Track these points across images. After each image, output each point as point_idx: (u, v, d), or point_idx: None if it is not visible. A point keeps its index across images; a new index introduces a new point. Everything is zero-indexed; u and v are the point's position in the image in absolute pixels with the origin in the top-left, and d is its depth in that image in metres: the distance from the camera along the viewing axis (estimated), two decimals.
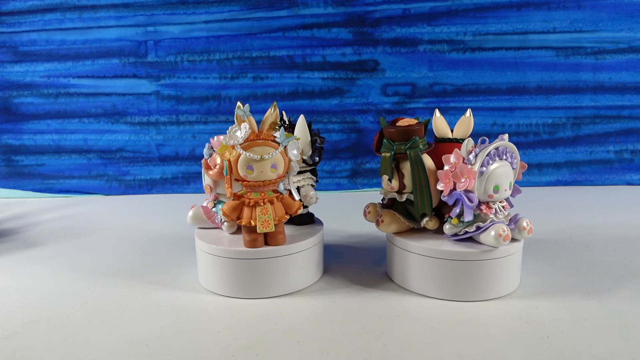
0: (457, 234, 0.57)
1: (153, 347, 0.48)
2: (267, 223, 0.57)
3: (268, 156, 0.55)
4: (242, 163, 0.55)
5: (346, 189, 1.13)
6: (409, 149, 0.57)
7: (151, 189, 1.14)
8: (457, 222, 0.56)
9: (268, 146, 0.55)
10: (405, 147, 0.58)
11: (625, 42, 1.05)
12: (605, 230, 0.80)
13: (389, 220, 0.60)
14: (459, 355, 0.46)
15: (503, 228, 0.55)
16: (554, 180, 1.12)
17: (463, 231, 0.56)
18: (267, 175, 0.56)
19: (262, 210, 0.57)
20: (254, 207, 0.57)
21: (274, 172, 0.56)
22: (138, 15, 1.07)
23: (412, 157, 0.57)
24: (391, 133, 0.59)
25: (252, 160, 0.54)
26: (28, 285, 0.63)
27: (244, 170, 0.55)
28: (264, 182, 0.56)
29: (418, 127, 0.58)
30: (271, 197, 0.57)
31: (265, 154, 0.55)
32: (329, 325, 0.52)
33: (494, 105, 1.09)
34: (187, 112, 1.11)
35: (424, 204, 0.58)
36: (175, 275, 0.65)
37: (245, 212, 0.57)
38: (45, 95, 1.11)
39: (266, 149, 0.55)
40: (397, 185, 0.59)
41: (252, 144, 0.55)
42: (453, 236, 0.57)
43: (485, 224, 0.55)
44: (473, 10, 1.06)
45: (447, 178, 0.56)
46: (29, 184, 1.15)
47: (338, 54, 1.08)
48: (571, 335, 0.49)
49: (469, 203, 0.55)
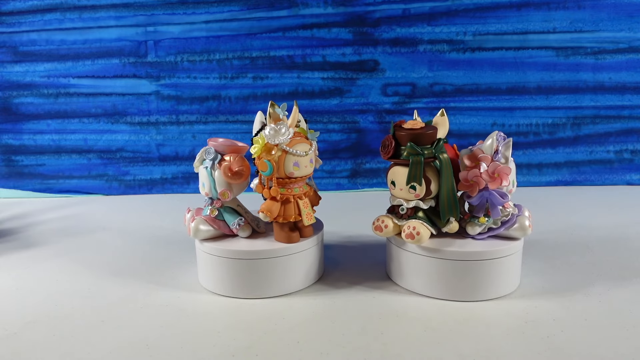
0: (482, 232, 0.58)
1: (153, 347, 0.48)
2: (310, 216, 0.60)
3: (310, 151, 0.58)
4: (289, 161, 0.57)
5: (346, 189, 1.13)
6: (439, 153, 0.55)
7: (151, 189, 1.14)
8: (484, 221, 0.57)
9: (304, 142, 0.58)
10: (435, 150, 0.56)
11: (625, 42, 1.05)
12: (605, 230, 0.80)
13: (425, 233, 0.56)
14: (459, 355, 0.46)
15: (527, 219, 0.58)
16: (554, 180, 1.12)
17: (487, 229, 0.58)
18: (308, 170, 0.59)
19: (304, 204, 0.59)
20: (285, 204, 0.58)
21: (311, 166, 0.59)
22: (138, 15, 1.07)
23: (444, 161, 0.55)
24: (417, 136, 0.56)
25: (298, 156, 0.57)
26: (28, 285, 0.63)
27: (291, 167, 0.57)
28: (302, 178, 0.59)
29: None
30: (306, 190, 0.60)
31: (306, 149, 0.58)
32: (329, 325, 0.52)
33: (494, 105, 1.09)
34: (187, 112, 1.11)
35: (451, 208, 0.56)
36: (175, 275, 0.65)
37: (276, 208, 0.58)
38: (45, 95, 1.11)
39: (304, 145, 0.58)
40: (423, 191, 0.56)
41: (293, 141, 0.57)
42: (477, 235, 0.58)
43: (509, 219, 0.58)
44: (473, 10, 1.06)
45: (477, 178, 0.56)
46: (29, 184, 1.15)
47: (338, 54, 1.08)
48: (571, 335, 0.49)
49: (501, 200, 0.56)
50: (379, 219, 0.60)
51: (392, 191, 0.59)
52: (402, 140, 0.57)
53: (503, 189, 0.57)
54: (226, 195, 0.59)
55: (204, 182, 0.60)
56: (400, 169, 0.57)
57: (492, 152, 0.57)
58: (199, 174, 0.61)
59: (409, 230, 0.56)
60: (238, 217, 0.60)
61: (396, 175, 0.58)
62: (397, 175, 0.58)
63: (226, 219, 0.61)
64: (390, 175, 0.59)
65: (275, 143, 0.56)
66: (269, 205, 0.58)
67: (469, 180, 0.56)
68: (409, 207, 0.57)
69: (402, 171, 0.57)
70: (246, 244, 0.58)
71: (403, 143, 0.57)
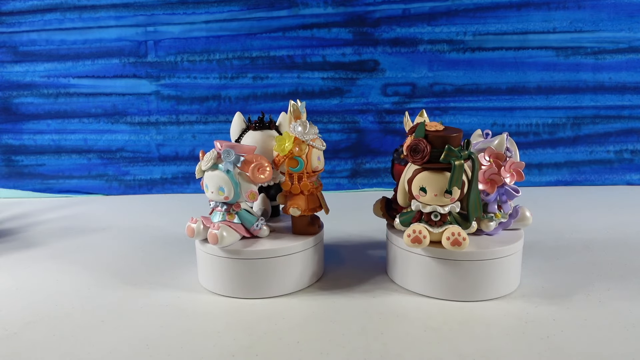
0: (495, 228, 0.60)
1: (153, 347, 0.48)
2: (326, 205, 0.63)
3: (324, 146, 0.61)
4: (314, 155, 0.59)
5: (346, 189, 1.13)
6: (472, 154, 0.54)
7: (151, 189, 1.14)
8: (500, 217, 0.60)
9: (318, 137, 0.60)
10: (468, 152, 0.54)
11: (625, 42, 1.05)
12: (605, 230, 0.80)
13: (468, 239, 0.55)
14: (459, 355, 0.46)
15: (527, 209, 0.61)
16: (554, 180, 1.12)
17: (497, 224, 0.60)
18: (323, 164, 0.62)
19: (322, 196, 0.63)
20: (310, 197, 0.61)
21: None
22: (138, 15, 1.07)
23: (476, 162, 0.54)
24: (453, 139, 0.54)
25: (320, 150, 0.60)
26: (28, 285, 0.63)
27: (316, 161, 0.60)
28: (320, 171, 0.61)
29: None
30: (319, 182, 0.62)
31: (323, 143, 0.61)
32: (329, 325, 0.52)
33: (494, 105, 1.09)
34: (187, 112, 1.11)
35: (477, 208, 0.56)
36: (175, 275, 0.65)
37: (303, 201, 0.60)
38: (45, 95, 1.11)
39: (319, 139, 0.61)
40: (458, 195, 0.54)
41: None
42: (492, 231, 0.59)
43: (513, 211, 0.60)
44: (473, 10, 1.06)
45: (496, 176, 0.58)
46: (29, 184, 1.15)
47: (338, 54, 1.08)
48: (571, 335, 0.49)
49: (515, 194, 0.59)
50: (414, 230, 0.55)
51: (422, 198, 0.55)
52: (436, 144, 0.54)
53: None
54: (255, 196, 0.58)
55: (223, 186, 0.56)
56: (433, 174, 0.54)
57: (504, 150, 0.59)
58: (212, 179, 0.57)
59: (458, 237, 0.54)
60: (256, 218, 0.60)
61: (429, 181, 0.54)
62: (430, 181, 0.54)
63: (246, 221, 0.59)
64: (419, 182, 0.55)
65: (304, 139, 0.58)
66: (298, 200, 0.60)
67: (487, 178, 0.58)
68: (444, 212, 0.55)
69: (435, 176, 0.54)
70: (246, 244, 0.58)
71: (438, 147, 0.54)
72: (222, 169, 0.56)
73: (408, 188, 0.56)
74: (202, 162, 0.57)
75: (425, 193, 0.55)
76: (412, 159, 0.55)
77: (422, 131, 0.54)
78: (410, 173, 0.56)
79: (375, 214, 0.67)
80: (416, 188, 0.55)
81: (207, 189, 0.58)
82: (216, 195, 0.57)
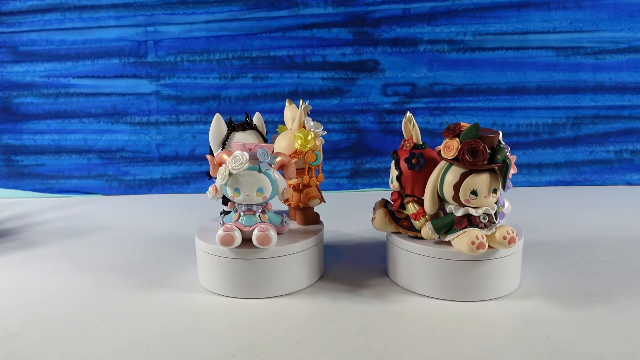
0: None
1: (153, 347, 0.48)
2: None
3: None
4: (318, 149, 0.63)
5: (346, 189, 1.13)
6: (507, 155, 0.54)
7: (151, 189, 1.14)
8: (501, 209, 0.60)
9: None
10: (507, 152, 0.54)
11: (625, 42, 1.05)
12: (605, 230, 0.80)
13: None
14: (459, 355, 0.46)
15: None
16: (554, 180, 1.12)
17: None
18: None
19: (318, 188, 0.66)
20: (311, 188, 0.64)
21: None
22: (138, 15, 1.07)
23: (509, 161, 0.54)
24: (495, 138, 0.53)
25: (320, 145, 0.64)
26: (28, 285, 0.63)
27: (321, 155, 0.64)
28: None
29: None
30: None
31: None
32: (329, 325, 0.52)
33: (494, 105, 1.09)
34: (187, 112, 1.11)
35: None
36: (175, 275, 0.65)
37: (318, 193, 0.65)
38: (45, 95, 1.11)
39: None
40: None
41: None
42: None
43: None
44: (473, 10, 1.06)
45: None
46: (29, 184, 1.15)
47: (338, 54, 1.08)
48: (571, 335, 0.49)
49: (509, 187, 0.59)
50: (477, 236, 0.53)
51: (473, 201, 0.54)
52: (489, 145, 0.53)
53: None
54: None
55: (262, 186, 0.55)
56: (482, 175, 0.53)
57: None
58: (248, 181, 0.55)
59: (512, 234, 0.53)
60: (280, 217, 0.61)
61: (481, 183, 0.53)
62: (482, 183, 0.53)
63: (274, 220, 0.59)
64: (470, 185, 0.53)
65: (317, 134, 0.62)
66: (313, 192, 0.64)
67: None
68: (492, 213, 0.55)
69: (485, 178, 0.53)
70: (246, 244, 0.58)
71: (490, 147, 0.53)
72: (262, 169, 0.55)
73: (454, 194, 0.54)
74: (233, 166, 0.55)
75: (476, 196, 0.53)
76: (470, 162, 0.52)
77: (477, 132, 0.53)
78: (457, 177, 0.53)
79: (380, 229, 0.62)
80: (466, 192, 0.53)
81: (239, 192, 0.56)
82: (253, 197, 0.56)
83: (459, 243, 0.54)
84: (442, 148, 0.55)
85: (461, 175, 0.53)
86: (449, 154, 0.53)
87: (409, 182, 0.58)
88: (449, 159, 0.54)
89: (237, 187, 0.55)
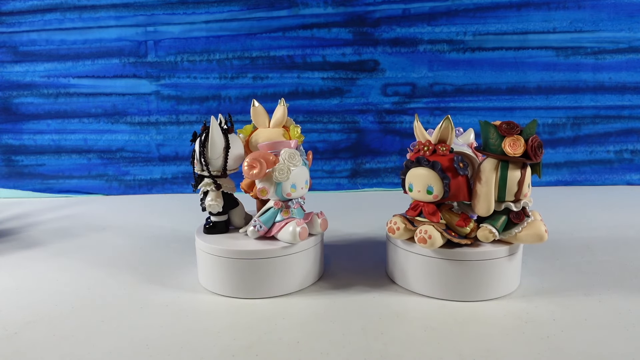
0: None
1: (153, 347, 0.48)
2: None
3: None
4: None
5: (346, 189, 1.13)
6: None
7: (151, 189, 1.14)
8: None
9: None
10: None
11: (625, 42, 1.05)
12: (605, 230, 0.80)
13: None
14: (459, 355, 0.46)
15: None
16: (554, 180, 1.12)
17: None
18: None
19: None
20: None
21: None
22: (138, 15, 1.07)
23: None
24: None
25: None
26: (28, 285, 0.63)
27: None
28: None
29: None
30: None
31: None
32: (329, 325, 0.52)
33: (494, 105, 1.09)
34: (187, 112, 1.11)
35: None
36: (175, 275, 0.65)
37: None
38: (45, 95, 1.11)
39: None
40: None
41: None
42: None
43: None
44: (473, 10, 1.06)
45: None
46: (29, 184, 1.15)
47: (338, 54, 1.08)
48: (571, 335, 0.49)
49: None
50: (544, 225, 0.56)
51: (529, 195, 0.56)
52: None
53: None
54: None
55: (308, 179, 0.60)
56: (530, 169, 0.55)
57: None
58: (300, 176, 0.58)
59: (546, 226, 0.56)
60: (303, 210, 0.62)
61: (529, 176, 0.56)
62: (529, 176, 0.56)
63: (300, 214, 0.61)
64: (529, 179, 0.55)
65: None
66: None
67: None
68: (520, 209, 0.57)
69: (529, 170, 0.55)
70: (246, 244, 0.58)
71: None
72: (305, 165, 0.59)
73: (517, 190, 0.54)
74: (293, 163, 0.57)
75: (529, 188, 0.56)
76: (537, 157, 0.54)
77: (532, 128, 0.54)
78: (519, 173, 0.54)
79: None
80: (527, 185, 0.55)
81: (295, 187, 0.58)
82: (305, 190, 0.60)
83: (528, 236, 0.55)
84: (505, 146, 0.53)
85: (522, 171, 0.54)
86: (517, 151, 0.53)
87: (462, 188, 0.56)
88: (517, 156, 0.53)
89: (294, 183, 0.58)
